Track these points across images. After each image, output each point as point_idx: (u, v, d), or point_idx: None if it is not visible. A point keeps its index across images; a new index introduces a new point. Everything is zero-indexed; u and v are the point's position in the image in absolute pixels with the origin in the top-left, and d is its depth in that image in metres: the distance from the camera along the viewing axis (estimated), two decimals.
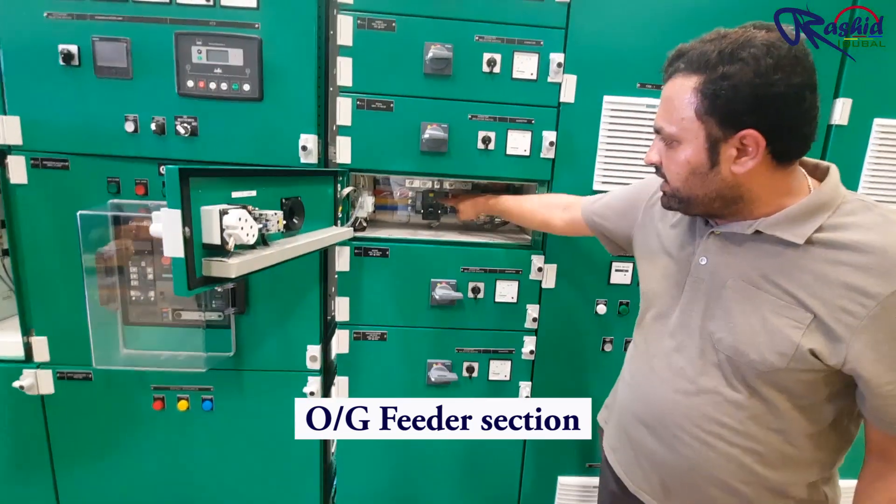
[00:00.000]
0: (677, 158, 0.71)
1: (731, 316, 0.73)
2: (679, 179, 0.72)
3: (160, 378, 1.33)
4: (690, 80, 0.66)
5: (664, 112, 0.71)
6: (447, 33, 1.20)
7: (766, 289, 0.71)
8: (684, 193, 0.73)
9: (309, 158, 1.20)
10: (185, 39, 1.14)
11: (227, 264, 0.74)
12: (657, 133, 0.74)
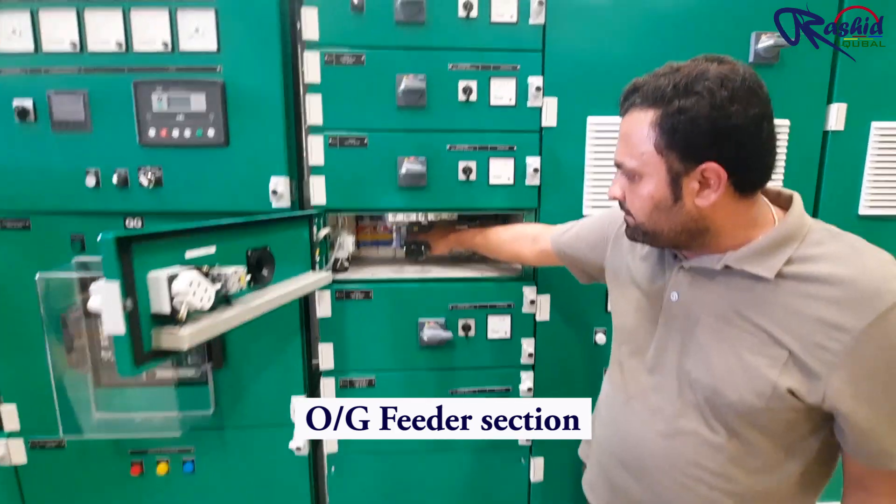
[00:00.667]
0: (640, 193, 0.69)
1: (707, 355, 0.71)
2: (643, 214, 0.70)
3: (137, 441, 1.25)
4: (647, 115, 0.65)
5: (624, 147, 0.69)
6: (419, 63, 1.15)
7: (739, 325, 0.68)
8: (649, 227, 0.71)
9: (281, 202, 1.14)
10: (145, 87, 1.09)
11: (178, 335, 0.67)
12: (618, 168, 0.72)
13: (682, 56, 1.20)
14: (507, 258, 1.26)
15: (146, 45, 1.08)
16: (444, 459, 1.33)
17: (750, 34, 1.20)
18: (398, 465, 1.32)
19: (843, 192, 1.28)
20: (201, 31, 1.08)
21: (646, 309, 0.81)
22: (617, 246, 0.93)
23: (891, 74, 1.23)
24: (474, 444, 1.33)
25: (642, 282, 0.83)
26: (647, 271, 0.82)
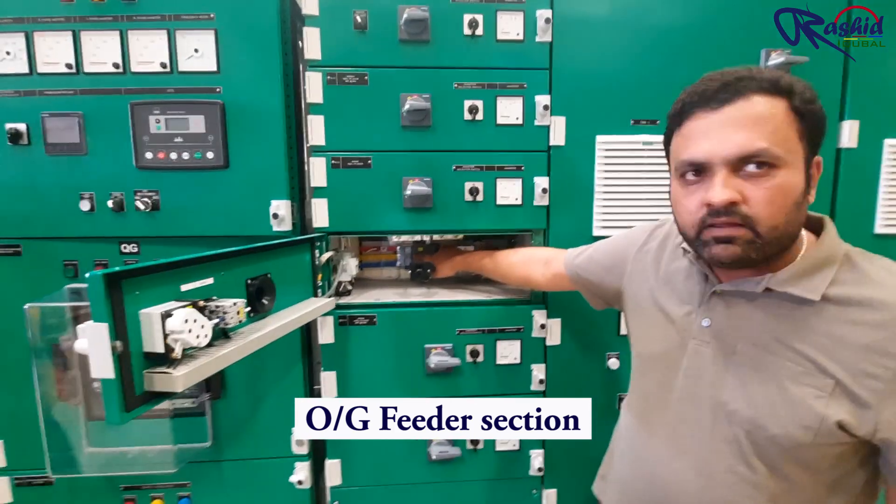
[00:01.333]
0: (780, 186, 0.59)
1: (746, 385, 0.66)
2: (781, 212, 0.60)
3: (130, 476, 1.19)
4: (779, 101, 0.59)
5: (761, 132, 0.58)
6: (424, 83, 1.13)
7: (781, 353, 0.64)
8: (784, 231, 0.61)
9: (282, 226, 1.10)
10: (142, 109, 1.06)
11: (172, 377, 0.63)
12: (740, 162, 0.60)
13: (692, 75, 1.18)
14: (517, 282, 1.20)
15: (144, 66, 1.06)
16: (454, 490, 1.27)
17: (760, 51, 1.17)
18: (405, 497, 1.26)
19: (857, 211, 1.24)
20: (201, 51, 1.05)
21: (673, 336, 0.76)
22: (637, 268, 0.87)
23: None
24: (485, 474, 1.27)
25: (668, 306, 0.78)
26: (674, 295, 0.77)
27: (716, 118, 0.61)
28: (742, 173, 0.60)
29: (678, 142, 0.66)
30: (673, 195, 0.69)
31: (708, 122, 0.61)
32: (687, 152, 0.63)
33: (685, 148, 0.64)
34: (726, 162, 0.60)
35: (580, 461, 1.29)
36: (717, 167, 0.60)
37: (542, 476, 1.29)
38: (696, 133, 0.63)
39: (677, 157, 0.66)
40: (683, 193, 0.65)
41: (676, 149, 0.67)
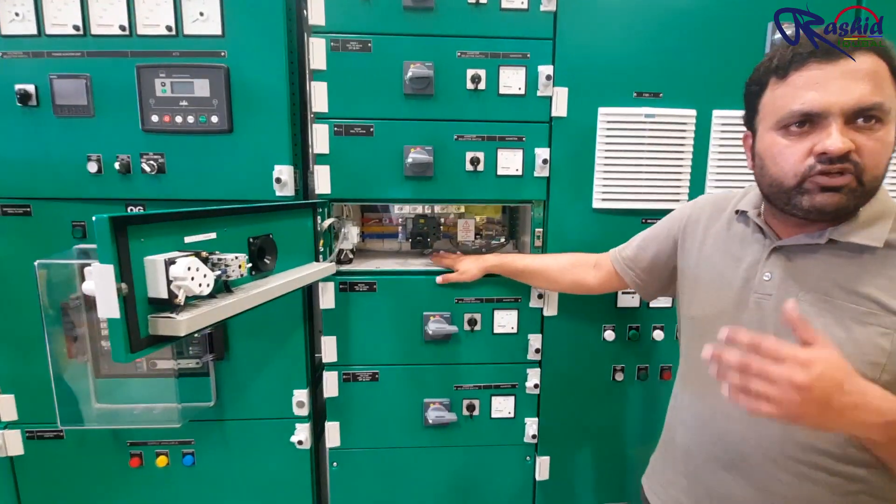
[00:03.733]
0: (885, 139, 0.63)
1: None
2: (883, 165, 0.65)
3: (136, 433, 1.23)
4: (883, 62, 0.63)
5: (876, 88, 0.62)
6: (427, 51, 1.13)
7: (844, 298, 0.67)
8: (878, 182, 0.65)
9: (284, 191, 1.12)
10: (148, 72, 1.07)
11: (175, 321, 0.65)
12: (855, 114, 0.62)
13: (696, 49, 1.17)
14: (567, 287, 1.15)
15: (150, 29, 1.07)
16: (449, 455, 1.31)
17: (767, 25, 1.16)
18: (401, 461, 1.30)
19: None
20: (206, 15, 1.06)
21: (732, 295, 0.78)
22: (689, 240, 0.89)
23: None
24: (479, 440, 1.30)
25: (725, 268, 0.80)
26: (731, 258, 0.80)
27: (833, 70, 0.62)
28: (852, 125, 0.62)
29: (783, 92, 0.67)
30: (766, 147, 0.70)
31: (825, 73, 0.63)
32: (799, 102, 0.64)
33: (795, 98, 0.65)
34: (843, 112, 0.62)
35: (574, 430, 1.32)
36: (833, 117, 0.62)
37: (536, 444, 1.32)
38: (809, 83, 0.64)
39: (783, 108, 0.66)
40: (785, 144, 0.67)
41: (779, 100, 0.67)
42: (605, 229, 1.21)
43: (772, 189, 0.71)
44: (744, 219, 0.81)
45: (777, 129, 0.68)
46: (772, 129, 0.69)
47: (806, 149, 0.65)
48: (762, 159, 0.71)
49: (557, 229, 1.23)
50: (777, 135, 0.68)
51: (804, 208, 0.67)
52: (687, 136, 1.19)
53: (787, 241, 0.72)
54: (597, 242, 1.18)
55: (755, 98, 0.72)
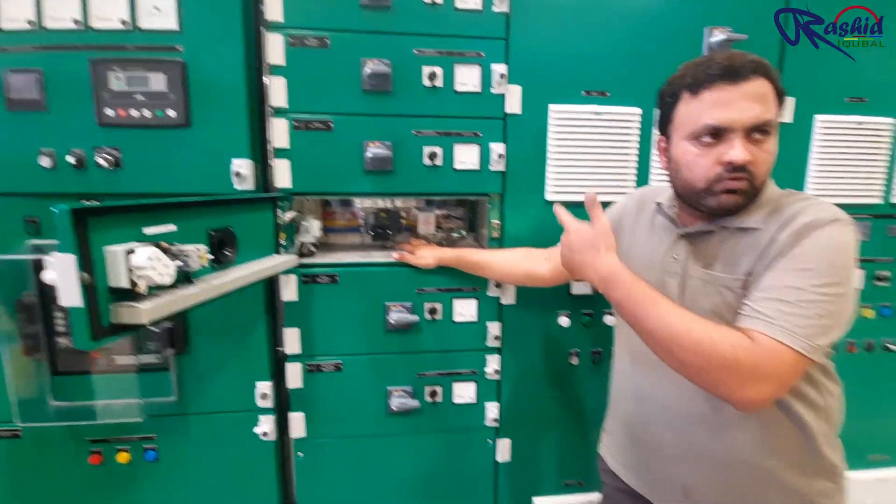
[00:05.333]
0: (771, 150, 0.76)
1: (701, 299, 0.82)
2: (768, 170, 0.78)
3: (96, 430, 1.22)
4: (770, 84, 0.75)
5: (765, 107, 0.74)
6: (384, 48, 1.16)
7: (722, 270, 0.80)
8: (764, 184, 0.79)
9: (244, 185, 1.14)
10: (102, 66, 1.06)
11: (137, 309, 0.67)
12: (751, 130, 0.74)
13: (639, 51, 1.25)
14: (520, 279, 1.24)
15: (104, 23, 1.06)
16: (413, 441, 1.35)
17: (703, 29, 1.25)
18: (366, 448, 1.34)
19: (790, 182, 1.35)
20: (161, 9, 1.06)
21: (652, 276, 0.89)
22: (622, 233, 1.01)
23: (840, 70, 1.30)
24: (442, 425, 1.35)
25: (650, 254, 0.93)
26: (653, 245, 0.93)
27: (736, 91, 0.73)
28: (749, 138, 0.74)
29: (694, 107, 0.77)
30: (680, 155, 0.81)
31: (728, 94, 0.74)
32: (709, 117, 0.75)
33: (705, 114, 0.76)
34: (744, 128, 0.73)
35: (532, 412, 1.39)
36: (736, 132, 0.74)
37: (497, 427, 1.38)
38: (717, 102, 0.74)
39: (695, 122, 0.77)
40: (698, 153, 0.78)
41: (691, 114, 0.78)
42: (557, 221, 1.27)
43: (685, 190, 0.83)
44: (662, 211, 0.93)
45: (690, 139, 0.79)
46: (685, 138, 0.80)
47: (714, 158, 0.76)
48: (677, 164, 0.83)
49: (513, 222, 1.29)
50: (689, 144, 0.79)
51: (711, 207, 0.80)
52: (632, 133, 1.27)
53: (689, 229, 0.86)
54: (551, 234, 1.23)
55: (670, 108, 0.83)
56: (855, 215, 1.33)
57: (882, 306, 1.42)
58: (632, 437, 0.98)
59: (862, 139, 1.33)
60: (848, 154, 1.33)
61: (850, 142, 1.33)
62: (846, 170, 1.34)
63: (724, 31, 1.25)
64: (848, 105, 1.31)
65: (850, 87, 1.31)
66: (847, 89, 1.31)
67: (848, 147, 1.33)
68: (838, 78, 1.31)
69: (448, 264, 1.27)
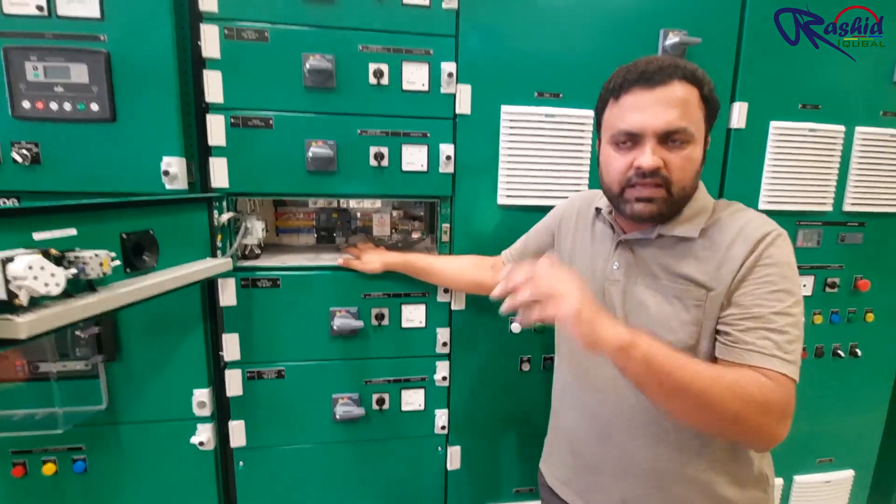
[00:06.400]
0: (691, 157, 0.74)
1: (644, 306, 0.80)
2: (689, 177, 0.76)
3: (19, 441, 1.15)
4: (694, 90, 0.73)
5: (683, 113, 0.72)
6: (327, 43, 1.11)
7: (667, 279, 0.79)
8: (687, 192, 0.77)
9: (175, 184, 1.07)
10: (17, 54, 0.99)
11: (14, 323, 0.61)
12: (666, 136, 0.73)
13: (593, 51, 1.21)
14: (467, 287, 1.21)
15: (18, 8, 0.99)
16: (360, 450, 1.31)
17: (658, 31, 1.22)
18: (311, 457, 1.29)
19: (744, 188, 1.33)
20: None
21: (593, 284, 0.88)
22: (561, 237, 1.00)
23: (796, 76, 1.28)
24: (390, 433, 1.31)
25: (588, 261, 0.91)
26: (592, 251, 0.91)
27: (651, 96, 0.72)
28: (665, 144, 0.73)
29: (615, 112, 0.77)
30: (603, 158, 0.81)
31: (644, 99, 0.73)
32: (624, 122, 0.74)
33: (622, 118, 0.75)
34: (656, 133, 0.72)
35: (482, 419, 1.35)
36: (648, 137, 0.73)
37: (447, 434, 1.35)
38: (633, 107, 0.74)
39: (614, 126, 0.77)
40: (615, 157, 0.77)
41: (612, 118, 0.78)
42: (510, 225, 1.24)
43: (607, 194, 0.83)
44: (601, 217, 0.91)
45: (611, 143, 0.79)
46: (608, 142, 0.80)
47: (627, 162, 0.76)
48: (601, 167, 0.83)
49: (464, 225, 1.25)
50: (610, 148, 0.79)
51: (627, 214, 0.79)
52: (586, 136, 1.24)
53: (628, 236, 0.85)
54: (503, 238, 1.21)
55: (600, 113, 0.83)
56: (807, 222, 1.36)
57: (832, 313, 1.42)
58: (573, 451, 0.95)
59: (815, 146, 1.31)
60: (801, 161, 1.32)
61: (804, 149, 1.31)
62: (799, 177, 1.33)
63: (678, 33, 1.22)
64: (802, 112, 1.30)
65: (804, 94, 1.30)
66: (802, 96, 1.30)
67: (801, 154, 1.32)
68: (794, 83, 1.29)
69: (395, 269, 1.22)
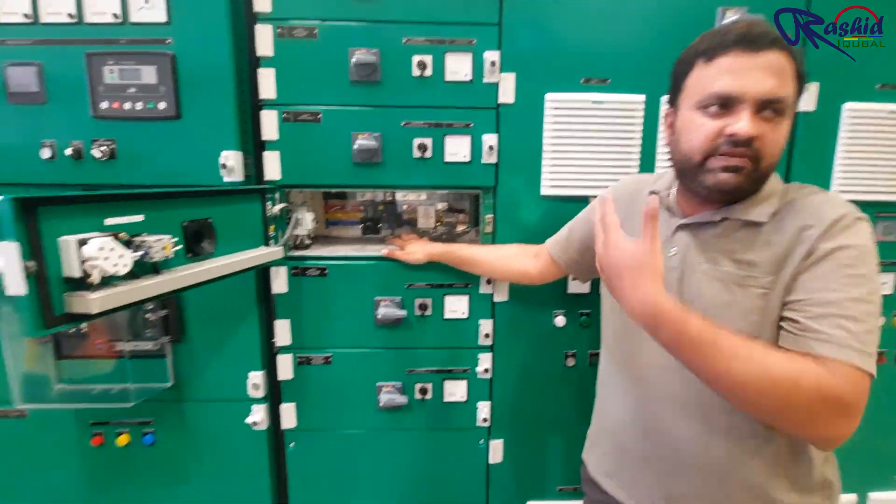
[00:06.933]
0: (783, 131, 0.70)
1: (704, 295, 0.76)
2: (777, 154, 0.71)
3: (98, 413, 1.27)
4: (790, 61, 0.68)
5: (780, 82, 0.67)
6: (372, 37, 1.14)
7: (729, 265, 0.75)
8: (769, 171, 0.73)
9: (232, 177, 1.14)
10: (97, 59, 1.09)
11: (87, 299, 0.67)
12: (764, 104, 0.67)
13: (646, 34, 1.17)
14: (512, 277, 1.20)
15: (97, 17, 1.08)
16: (402, 438, 1.33)
17: (716, 9, 1.16)
18: (356, 442, 1.33)
19: (813, 175, 1.23)
20: (151, 2, 1.08)
21: None
22: None
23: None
24: (432, 423, 1.33)
25: None
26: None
27: (751, 61, 0.67)
28: (759, 115, 0.68)
29: (706, 74, 0.71)
30: (684, 124, 0.75)
31: (744, 62, 0.67)
32: (719, 85, 0.69)
33: (715, 81, 0.69)
34: (755, 100, 0.67)
35: (526, 414, 1.34)
36: (746, 103, 0.67)
37: (489, 427, 1.34)
38: (730, 69, 0.68)
39: (704, 89, 0.71)
40: (701, 122, 0.71)
41: (701, 80, 0.72)
42: (554, 215, 1.21)
43: (682, 165, 0.77)
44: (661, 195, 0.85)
45: (697, 108, 0.73)
46: (692, 107, 0.73)
47: (717, 128, 0.70)
48: (678, 134, 0.77)
49: (507, 216, 1.24)
50: (696, 114, 0.73)
51: (707, 186, 0.73)
52: (636, 122, 1.19)
53: (689, 220, 0.79)
54: (547, 229, 1.18)
55: (682, 77, 0.76)
56: (888, 213, 1.24)
57: None
58: (617, 443, 0.92)
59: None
60: (881, 146, 1.20)
61: (884, 133, 1.20)
62: (878, 164, 1.21)
63: (739, 11, 1.15)
64: (880, 93, 1.18)
65: (881, 73, 1.19)
66: (878, 75, 1.19)
67: (880, 139, 1.20)
68: (868, 63, 1.18)
69: (438, 259, 1.23)
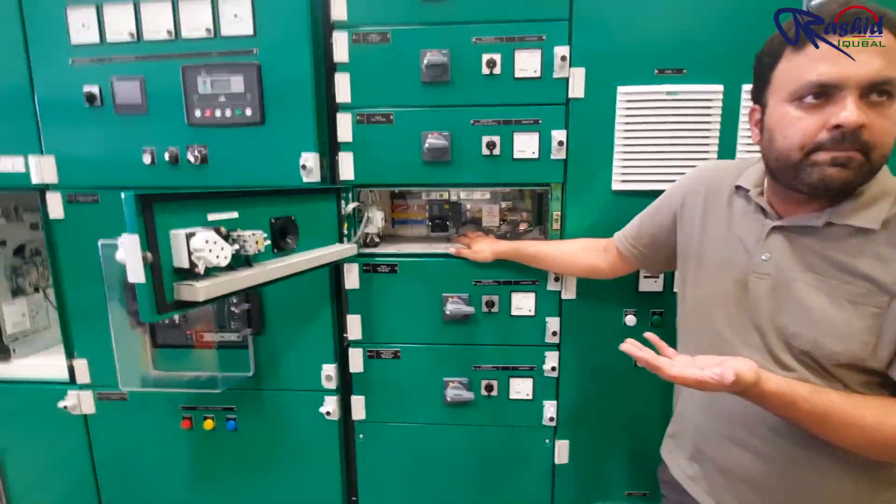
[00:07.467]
0: (893, 114, 0.63)
1: (807, 309, 0.70)
2: (890, 144, 0.64)
3: (187, 398, 1.38)
4: (894, 39, 0.62)
5: (890, 63, 0.61)
6: (443, 38, 1.16)
7: (839, 278, 0.68)
8: (885, 160, 0.65)
9: (310, 177, 1.20)
10: (191, 71, 1.19)
11: (194, 287, 0.74)
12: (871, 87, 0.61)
13: (723, 19, 1.12)
14: (581, 272, 1.18)
15: (192, 32, 1.18)
16: (468, 433, 1.35)
17: None
18: (422, 435, 1.36)
19: None
20: (239, 16, 1.16)
21: (731, 274, 0.79)
22: (688, 216, 0.90)
23: None
24: (497, 419, 1.33)
25: (725, 246, 0.81)
26: (731, 235, 0.81)
27: (853, 41, 0.62)
28: (865, 100, 0.62)
29: (798, 63, 0.65)
30: (776, 119, 0.69)
31: (844, 44, 0.62)
32: (815, 73, 0.63)
33: (811, 69, 0.63)
34: (859, 85, 0.61)
35: (593, 415, 1.32)
36: (849, 90, 0.61)
37: (556, 427, 1.33)
38: (828, 54, 0.62)
39: (798, 79, 0.65)
40: (798, 116, 0.65)
41: (794, 70, 0.66)
42: (624, 211, 1.18)
43: (778, 164, 0.70)
44: (744, 195, 0.80)
45: (790, 100, 0.67)
46: (784, 100, 0.67)
47: (818, 122, 0.63)
48: (771, 132, 0.70)
49: (576, 212, 1.23)
50: (790, 107, 0.67)
51: (811, 182, 0.66)
52: (713, 113, 1.15)
53: (786, 222, 0.73)
54: (617, 224, 1.15)
55: (768, 70, 0.71)
56: None
57: None
58: (698, 448, 0.88)
59: None
60: None
61: None
62: None
63: None
64: None
65: None
66: None
67: None
68: None
69: (505, 257, 1.24)
